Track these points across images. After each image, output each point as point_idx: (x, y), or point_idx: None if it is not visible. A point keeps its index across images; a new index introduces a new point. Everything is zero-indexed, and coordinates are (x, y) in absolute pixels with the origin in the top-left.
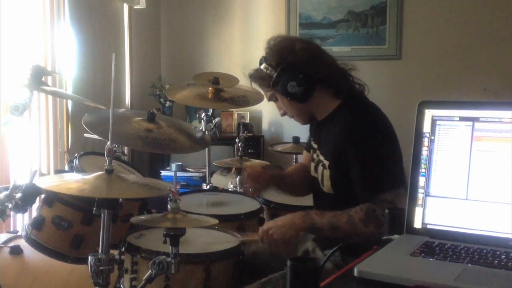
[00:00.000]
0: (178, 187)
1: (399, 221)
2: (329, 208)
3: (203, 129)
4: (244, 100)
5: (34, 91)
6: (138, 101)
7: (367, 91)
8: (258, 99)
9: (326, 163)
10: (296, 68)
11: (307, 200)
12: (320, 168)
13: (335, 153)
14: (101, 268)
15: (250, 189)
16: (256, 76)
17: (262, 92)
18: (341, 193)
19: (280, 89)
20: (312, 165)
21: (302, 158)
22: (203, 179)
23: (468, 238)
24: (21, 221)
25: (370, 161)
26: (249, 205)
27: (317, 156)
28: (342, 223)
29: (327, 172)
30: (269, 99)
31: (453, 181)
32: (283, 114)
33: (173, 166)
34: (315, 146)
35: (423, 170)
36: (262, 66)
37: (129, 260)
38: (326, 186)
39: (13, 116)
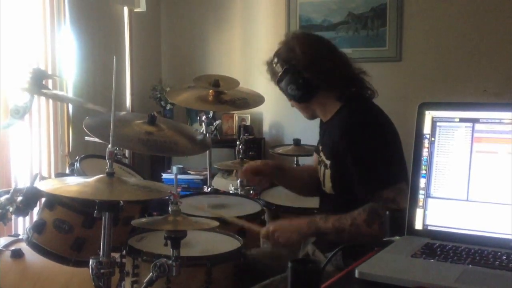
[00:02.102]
0: (179, 189)
1: (400, 222)
2: (331, 210)
3: (204, 132)
4: (245, 102)
5: (35, 94)
6: (138, 104)
7: (376, 95)
8: (259, 101)
9: (328, 162)
10: (298, 72)
11: (309, 202)
12: (322, 168)
13: (334, 152)
14: (102, 271)
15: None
16: (269, 68)
17: None
18: (342, 193)
19: (283, 88)
20: (318, 167)
21: (312, 160)
22: (204, 182)
23: (469, 239)
24: (22, 225)
25: (366, 160)
26: (250, 207)
27: (321, 157)
28: (347, 226)
29: (328, 172)
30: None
31: (454, 182)
32: (293, 105)
33: (174, 168)
34: (320, 147)
35: (423, 172)
36: (274, 60)
37: (130, 263)
38: (327, 186)
39: (14, 120)
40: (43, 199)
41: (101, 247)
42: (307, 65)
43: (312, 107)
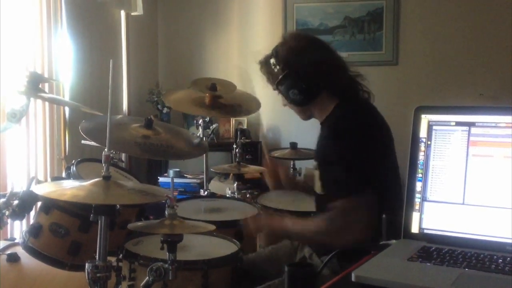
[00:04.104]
0: (175, 193)
1: (396, 226)
2: (322, 210)
3: (201, 135)
4: (241, 107)
5: (31, 98)
6: (135, 108)
7: (372, 98)
8: (256, 106)
9: (315, 163)
10: (300, 76)
11: (305, 206)
12: (314, 169)
13: (320, 153)
14: (98, 275)
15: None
16: (265, 69)
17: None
18: (330, 193)
19: (283, 92)
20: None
21: None
22: (200, 185)
23: (465, 243)
24: (18, 229)
25: (336, 166)
26: (247, 211)
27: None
28: (311, 233)
29: (317, 173)
30: (274, 89)
31: (450, 186)
32: (285, 105)
33: (171, 172)
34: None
35: (419, 175)
36: (272, 61)
37: (127, 267)
38: (317, 186)
39: (10, 123)
40: (39, 203)
41: (98, 251)
42: (308, 68)
43: (310, 109)
